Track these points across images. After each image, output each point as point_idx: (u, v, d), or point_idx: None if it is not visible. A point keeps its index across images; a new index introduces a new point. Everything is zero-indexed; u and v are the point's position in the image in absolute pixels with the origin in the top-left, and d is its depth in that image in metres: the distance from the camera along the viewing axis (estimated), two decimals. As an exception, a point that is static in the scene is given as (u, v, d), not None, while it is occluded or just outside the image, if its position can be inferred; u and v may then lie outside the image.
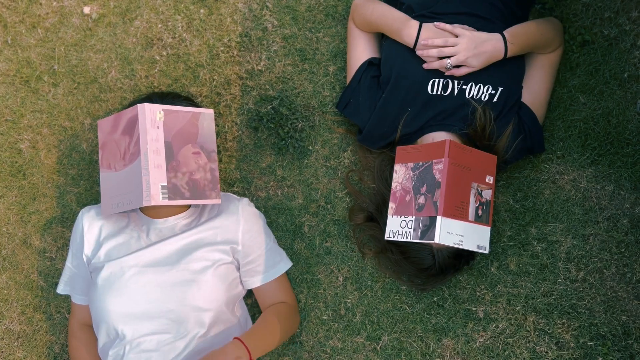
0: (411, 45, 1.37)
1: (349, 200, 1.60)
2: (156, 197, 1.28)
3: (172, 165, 1.31)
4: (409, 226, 1.33)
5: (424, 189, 1.31)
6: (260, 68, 1.69)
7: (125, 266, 1.33)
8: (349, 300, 1.54)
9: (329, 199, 1.61)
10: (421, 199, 1.32)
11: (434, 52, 1.33)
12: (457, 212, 1.29)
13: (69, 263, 1.48)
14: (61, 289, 1.49)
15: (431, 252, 1.34)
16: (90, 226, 1.43)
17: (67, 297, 1.63)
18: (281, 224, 1.61)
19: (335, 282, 1.56)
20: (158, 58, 1.72)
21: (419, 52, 1.35)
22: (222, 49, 1.71)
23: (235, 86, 1.69)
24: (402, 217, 1.36)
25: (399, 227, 1.36)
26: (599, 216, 1.45)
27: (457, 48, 1.32)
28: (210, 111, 1.40)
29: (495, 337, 1.45)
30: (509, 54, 1.35)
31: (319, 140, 1.64)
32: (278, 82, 1.68)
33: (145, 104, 1.29)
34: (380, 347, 1.50)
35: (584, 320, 1.41)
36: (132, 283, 1.31)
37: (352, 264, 1.56)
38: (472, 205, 1.31)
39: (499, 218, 1.51)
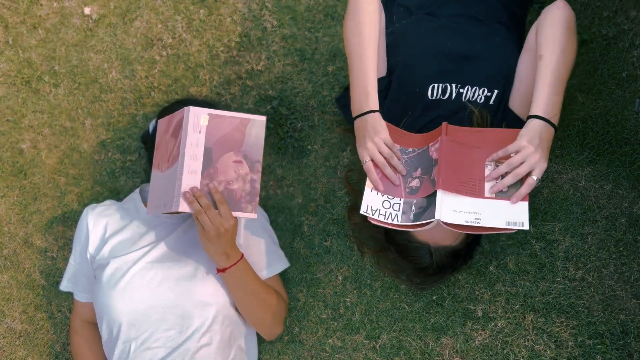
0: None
1: (348, 200, 1.60)
2: (184, 203, 1.24)
3: (209, 172, 1.25)
4: (395, 208, 1.21)
5: (417, 173, 1.22)
6: (259, 68, 1.70)
7: (130, 262, 1.34)
8: (348, 299, 1.55)
9: (329, 198, 1.61)
10: (415, 182, 1.22)
11: (509, 180, 1.16)
12: (463, 188, 1.14)
13: (72, 260, 1.49)
14: (64, 286, 1.50)
15: (429, 251, 1.33)
16: (95, 224, 1.44)
17: (68, 297, 1.64)
18: (281, 224, 1.62)
19: (334, 281, 1.56)
20: (158, 58, 1.73)
21: (493, 190, 1.17)
22: (221, 49, 1.72)
23: (235, 86, 1.70)
24: (386, 196, 1.23)
25: (380, 206, 1.23)
26: (598, 215, 1.46)
27: (531, 163, 1.16)
28: (262, 118, 1.27)
29: (494, 335, 1.45)
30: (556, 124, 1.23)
31: (318, 139, 1.65)
32: (277, 82, 1.68)
33: (192, 107, 1.24)
34: (379, 346, 1.51)
35: (582, 318, 1.42)
36: (137, 279, 1.32)
37: (351, 263, 1.57)
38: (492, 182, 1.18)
39: (498, 217, 1.51)
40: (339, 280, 1.56)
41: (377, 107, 1.31)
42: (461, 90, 1.37)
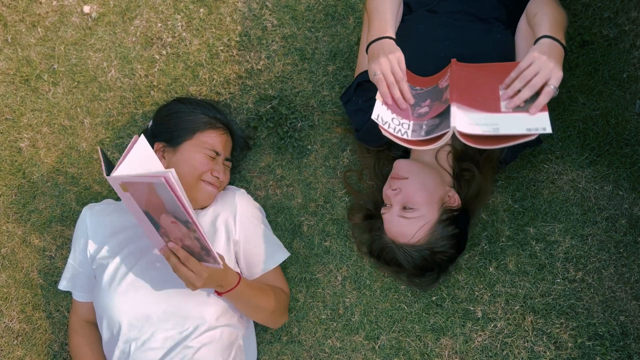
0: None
1: (348, 200, 1.60)
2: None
3: (163, 231, 1.18)
4: (405, 127, 1.14)
5: (426, 103, 1.15)
6: (259, 67, 1.69)
7: (130, 263, 1.34)
8: (347, 300, 1.54)
9: (328, 198, 1.61)
10: (424, 109, 1.15)
11: (526, 94, 1.10)
12: (477, 105, 1.06)
13: (71, 260, 1.48)
14: (63, 285, 1.50)
15: (393, 248, 1.36)
16: (94, 224, 1.44)
17: (66, 296, 1.63)
18: (280, 223, 1.61)
19: (334, 282, 1.56)
20: (158, 57, 1.72)
21: (510, 105, 1.11)
22: (221, 48, 1.71)
23: (235, 85, 1.69)
24: (395, 115, 1.16)
25: (389, 120, 1.15)
26: (598, 216, 1.46)
27: (546, 72, 1.09)
28: (160, 180, 1.03)
29: (493, 336, 1.45)
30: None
31: (318, 139, 1.64)
32: (277, 81, 1.68)
33: (110, 176, 1.09)
34: (378, 347, 1.50)
35: (582, 320, 1.41)
36: (137, 280, 1.32)
37: (350, 263, 1.56)
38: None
39: (498, 218, 1.51)
40: (339, 280, 1.56)
41: (394, 37, 1.27)
42: None
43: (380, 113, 1.17)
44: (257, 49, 1.70)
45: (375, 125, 1.47)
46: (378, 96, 1.20)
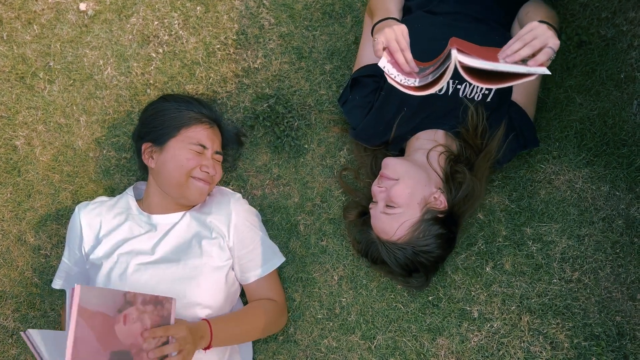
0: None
1: (345, 199, 1.59)
2: None
3: (134, 352, 1.15)
4: (411, 81, 1.18)
5: (429, 71, 1.19)
6: (256, 66, 1.68)
7: (125, 262, 1.34)
8: (344, 299, 1.54)
9: (325, 197, 1.60)
10: (427, 72, 1.19)
11: (525, 51, 1.13)
12: (478, 54, 1.10)
13: (65, 259, 1.47)
14: (58, 285, 1.49)
15: (378, 245, 1.38)
16: (88, 222, 1.43)
17: (61, 295, 1.63)
18: (277, 223, 1.61)
19: (330, 281, 1.55)
20: (154, 55, 1.72)
21: (508, 61, 1.14)
22: (218, 46, 1.70)
23: (232, 84, 1.69)
24: (399, 73, 1.20)
25: (395, 73, 1.20)
26: (594, 217, 1.45)
27: (545, 37, 1.12)
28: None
29: (489, 336, 1.45)
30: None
31: (315, 138, 1.64)
32: (274, 80, 1.67)
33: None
34: (374, 346, 1.50)
35: (578, 320, 1.41)
36: (133, 280, 1.31)
37: (347, 262, 1.56)
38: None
39: (495, 218, 1.51)
40: (335, 280, 1.55)
41: (398, 19, 1.33)
42: (458, 87, 1.36)
43: (387, 65, 1.20)
44: (254, 48, 1.69)
45: (373, 124, 1.47)
46: (384, 55, 1.22)
